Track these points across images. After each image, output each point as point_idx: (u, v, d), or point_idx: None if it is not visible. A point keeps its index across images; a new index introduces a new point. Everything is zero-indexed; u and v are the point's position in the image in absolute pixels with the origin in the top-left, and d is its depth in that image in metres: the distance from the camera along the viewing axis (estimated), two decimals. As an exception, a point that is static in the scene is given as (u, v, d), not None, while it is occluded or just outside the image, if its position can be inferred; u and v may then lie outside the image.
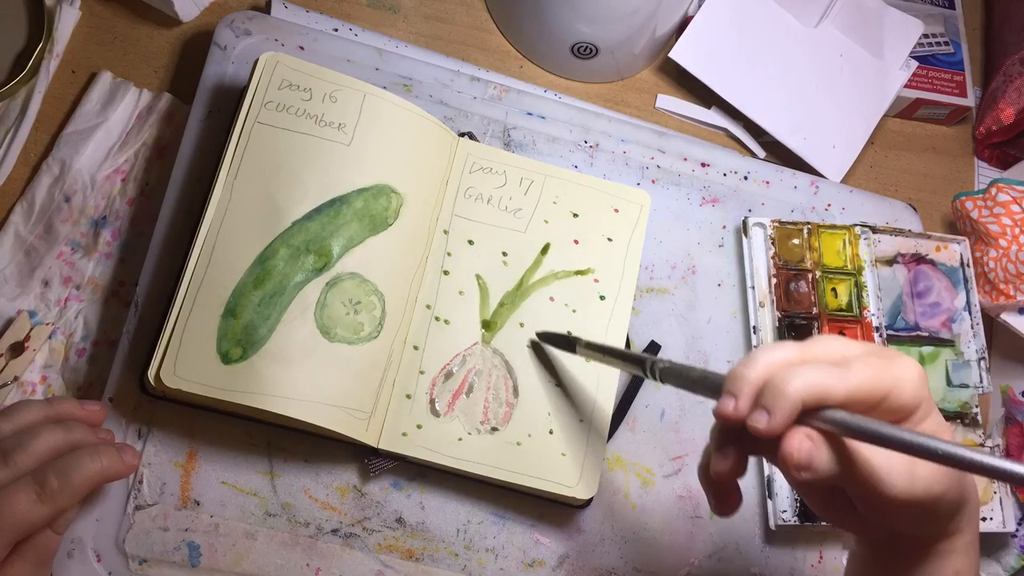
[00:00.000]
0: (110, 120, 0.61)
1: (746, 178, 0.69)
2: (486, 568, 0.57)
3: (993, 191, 0.68)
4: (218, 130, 0.59)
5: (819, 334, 0.63)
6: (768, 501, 0.60)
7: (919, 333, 0.66)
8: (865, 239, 0.66)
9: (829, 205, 0.70)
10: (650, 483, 0.61)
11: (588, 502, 0.57)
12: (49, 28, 0.62)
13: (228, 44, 0.61)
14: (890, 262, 0.67)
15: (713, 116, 0.74)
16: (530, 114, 0.66)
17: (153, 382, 0.51)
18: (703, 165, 0.68)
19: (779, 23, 0.73)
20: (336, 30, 0.66)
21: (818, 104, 0.73)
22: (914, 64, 0.74)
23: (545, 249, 0.60)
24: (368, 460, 0.55)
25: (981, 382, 0.66)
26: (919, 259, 0.68)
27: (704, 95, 0.73)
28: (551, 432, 0.56)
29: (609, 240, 0.61)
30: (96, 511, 0.53)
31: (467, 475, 0.55)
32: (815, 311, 0.64)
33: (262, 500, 0.55)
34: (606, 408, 0.57)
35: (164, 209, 0.58)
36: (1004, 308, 0.69)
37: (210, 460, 0.55)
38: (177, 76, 0.65)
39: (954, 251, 0.68)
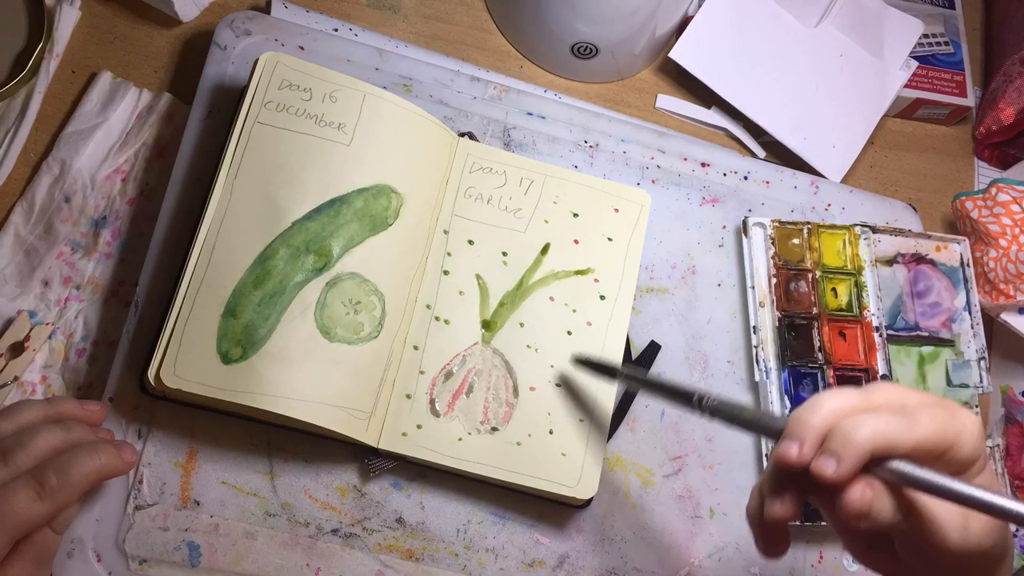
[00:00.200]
0: (110, 120, 0.61)
1: (746, 178, 0.69)
2: (486, 568, 0.57)
3: (993, 191, 0.68)
4: (218, 130, 0.59)
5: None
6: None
7: (919, 333, 0.66)
8: (865, 239, 0.66)
9: (829, 205, 0.70)
10: (650, 483, 0.61)
11: (588, 502, 0.57)
12: (49, 28, 0.62)
13: (228, 44, 0.61)
14: (890, 262, 0.67)
15: (713, 116, 0.74)
16: (530, 114, 0.66)
17: (153, 382, 0.51)
18: (703, 165, 0.68)
19: (779, 23, 0.73)
20: (336, 30, 0.66)
21: (818, 104, 0.73)
22: (914, 64, 0.74)
23: (545, 249, 0.60)
24: (368, 460, 0.55)
25: (981, 382, 0.66)
26: (919, 259, 0.68)
27: (704, 95, 0.73)
28: (551, 432, 0.56)
29: (609, 240, 0.61)
30: (96, 511, 0.53)
31: (467, 475, 0.55)
32: (815, 311, 0.64)
33: (262, 500, 0.55)
34: (606, 408, 0.57)
35: (164, 209, 0.58)
36: (1004, 308, 0.69)
37: (210, 460, 0.55)
38: (177, 76, 0.65)
39: (954, 251, 0.68)
